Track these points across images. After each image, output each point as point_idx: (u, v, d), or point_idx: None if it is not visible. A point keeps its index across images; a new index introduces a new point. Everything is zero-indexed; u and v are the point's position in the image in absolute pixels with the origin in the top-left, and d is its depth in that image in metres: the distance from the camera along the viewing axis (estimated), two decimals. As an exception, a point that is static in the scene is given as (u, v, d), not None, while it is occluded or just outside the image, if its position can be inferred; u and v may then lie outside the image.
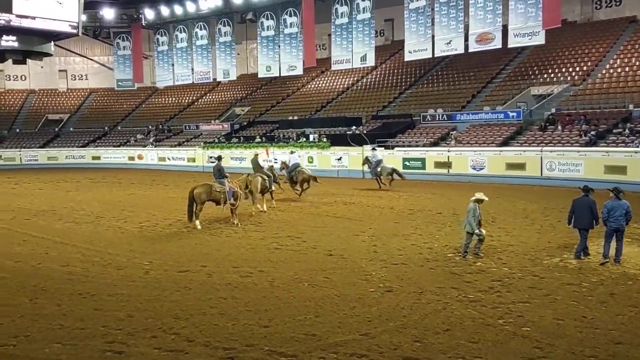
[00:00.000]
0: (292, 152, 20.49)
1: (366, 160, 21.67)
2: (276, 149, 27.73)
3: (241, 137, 32.92)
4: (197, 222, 12.73)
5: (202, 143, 34.38)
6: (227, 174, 13.40)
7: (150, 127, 42.42)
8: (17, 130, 41.75)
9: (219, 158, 13.90)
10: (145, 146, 38.72)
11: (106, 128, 44.28)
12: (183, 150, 35.27)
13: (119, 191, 21.76)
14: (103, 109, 47.83)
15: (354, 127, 28.95)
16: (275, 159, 23.24)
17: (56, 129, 42.18)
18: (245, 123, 37.82)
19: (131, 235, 12.26)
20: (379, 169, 20.44)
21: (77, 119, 44.61)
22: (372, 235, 11.48)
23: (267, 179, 15.08)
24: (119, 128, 44.72)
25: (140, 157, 37.46)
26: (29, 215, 15.12)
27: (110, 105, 48.45)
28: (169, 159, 36.09)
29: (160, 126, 42.52)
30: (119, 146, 40.42)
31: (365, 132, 28.86)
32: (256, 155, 15.83)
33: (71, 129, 42.76)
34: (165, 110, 45.73)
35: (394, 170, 20.51)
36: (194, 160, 33.97)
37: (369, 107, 32.93)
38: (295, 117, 34.51)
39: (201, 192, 12.74)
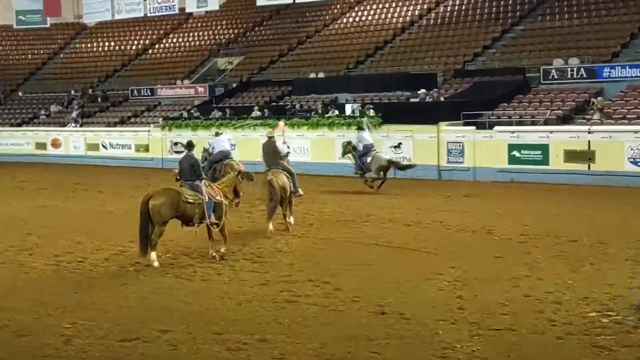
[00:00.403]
0: (217, 134, 22.02)
1: (348, 147, 22.85)
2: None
3: (227, 110, 33.31)
4: (154, 255, 12.85)
5: (160, 120, 35.07)
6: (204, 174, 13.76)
7: (72, 92, 43.47)
8: None
9: (190, 145, 13.97)
10: (64, 125, 39.62)
11: None
12: (128, 131, 35.92)
13: (21, 202, 22.11)
14: (-8, 61, 49.31)
15: (422, 92, 29.03)
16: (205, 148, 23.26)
17: None
18: (234, 85, 38.37)
19: (41, 277, 12.52)
20: (368, 160, 21.70)
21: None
22: (455, 279, 11.67)
23: (290, 177, 16.14)
24: (20, 94, 45.94)
25: (55, 144, 38.31)
26: None
27: (5, 56, 49.76)
28: (104, 146, 36.70)
29: (91, 91, 43.43)
30: (19, 125, 41.62)
31: (443, 97, 28.78)
32: (270, 137, 16.64)
33: None
34: (98, 64, 46.76)
35: (391, 164, 21.33)
36: (146, 148, 34.60)
37: (449, 57, 32.96)
38: (321, 75, 34.82)
39: (162, 204, 12.87)
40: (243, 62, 40.65)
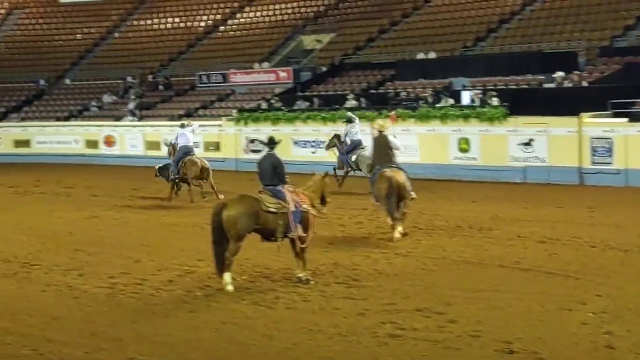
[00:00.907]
0: (183, 126, 24.51)
1: (334, 141, 25.53)
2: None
3: (314, 99, 33.61)
4: (228, 276, 12.95)
5: (234, 112, 35.65)
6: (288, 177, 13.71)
7: (129, 79, 44.57)
8: None
9: (272, 142, 14.05)
10: (119, 119, 40.74)
11: (42, 82, 47.10)
12: (196, 126, 36.43)
13: (68, 212, 22.72)
14: (34, 41, 50.59)
15: (559, 75, 28.75)
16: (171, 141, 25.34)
17: None
18: (323, 69, 38.63)
19: (93, 302, 12.72)
20: (353, 158, 24.25)
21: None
22: (602, 309, 11.58)
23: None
24: (67, 82, 47.30)
25: (109, 142, 39.35)
26: None
27: (50, 37, 51.30)
28: (167, 145, 38.06)
29: (151, 77, 44.35)
30: (66, 119, 42.95)
31: (586, 82, 28.18)
32: (380, 130, 17.42)
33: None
34: (159, 45, 47.73)
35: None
36: (217, 147, 35.21)
37: (593, 32, 32.46)
38: (432, 55, 34.87)
39: (238, 215, 12.98)
40: (334, 40, 40.83)
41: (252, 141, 32.89)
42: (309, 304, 12.11)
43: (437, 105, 28.73)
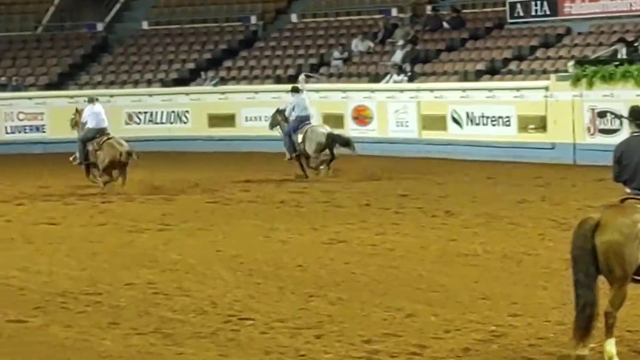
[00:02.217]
0: (91, 100, 32.37)
1: (277, 117, 32.66)
2: None
3: None
4: (611, 345, 12.61)
5: (570, 64, 35.39)
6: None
7: (394, 12, 45.84)
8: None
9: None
10: (378, 78, 41.68)
11: (253, 20, 49.41)
12: (501, 89, 37.46)
13: (298, 232, 23.58)
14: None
15: None
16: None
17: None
18: None
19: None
20: (299, 138, 30.32)
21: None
22: None
23: None
24: (293, 19, 49.35)
25: (361, 117, 40.52)
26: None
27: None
28: (456, 120, 38.50)
29: (430, 10, 45.06)
30: (291, 81, 43.68)
31: None
32: None
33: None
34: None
35: (333, 140, 29.11)
36: (541, 125, 35.48)
37: None
38: None
39: (626, 241, 12.66)
40: None
41: (602, 114, 32.71)
42: None
43: None
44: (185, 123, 44.68)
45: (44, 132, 46.48)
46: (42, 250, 22.15)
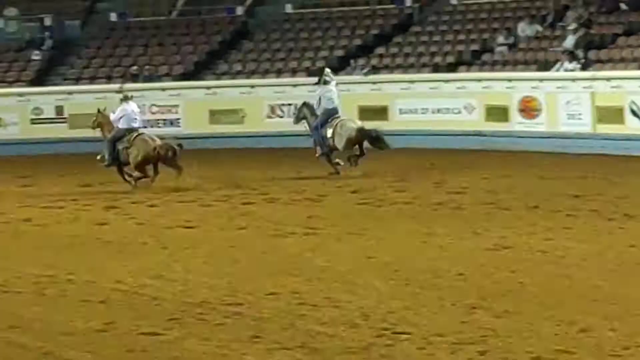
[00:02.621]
0: (126, 99, 34.01)
1: (303, 111, 34.10)
2: None
3: None
4: None
5: None
6: None
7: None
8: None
9: None
10: (548, 66, 41.48)
11: (408, 3, 49.66)
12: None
13: (459, 236, 23.59)
14: None
15: None
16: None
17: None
18: None
19: None
20: (329, 132, 31.71)
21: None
22: None
23: None
24: (453, 1, 49.22)
25: (528, 109, 40.33)
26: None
27: None
28: (634, 111, 38.04)
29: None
30: (450, 69, 44.63)
31: None
32: None
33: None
34: None
35: (363, 135, 31.13)
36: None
37: None
38: None
39: None
40: None
41: None
42: None
43: None
44: (334, 116, 44.27)
45: (178, 126, 46.77)
46: (177, 256, 22.42)
